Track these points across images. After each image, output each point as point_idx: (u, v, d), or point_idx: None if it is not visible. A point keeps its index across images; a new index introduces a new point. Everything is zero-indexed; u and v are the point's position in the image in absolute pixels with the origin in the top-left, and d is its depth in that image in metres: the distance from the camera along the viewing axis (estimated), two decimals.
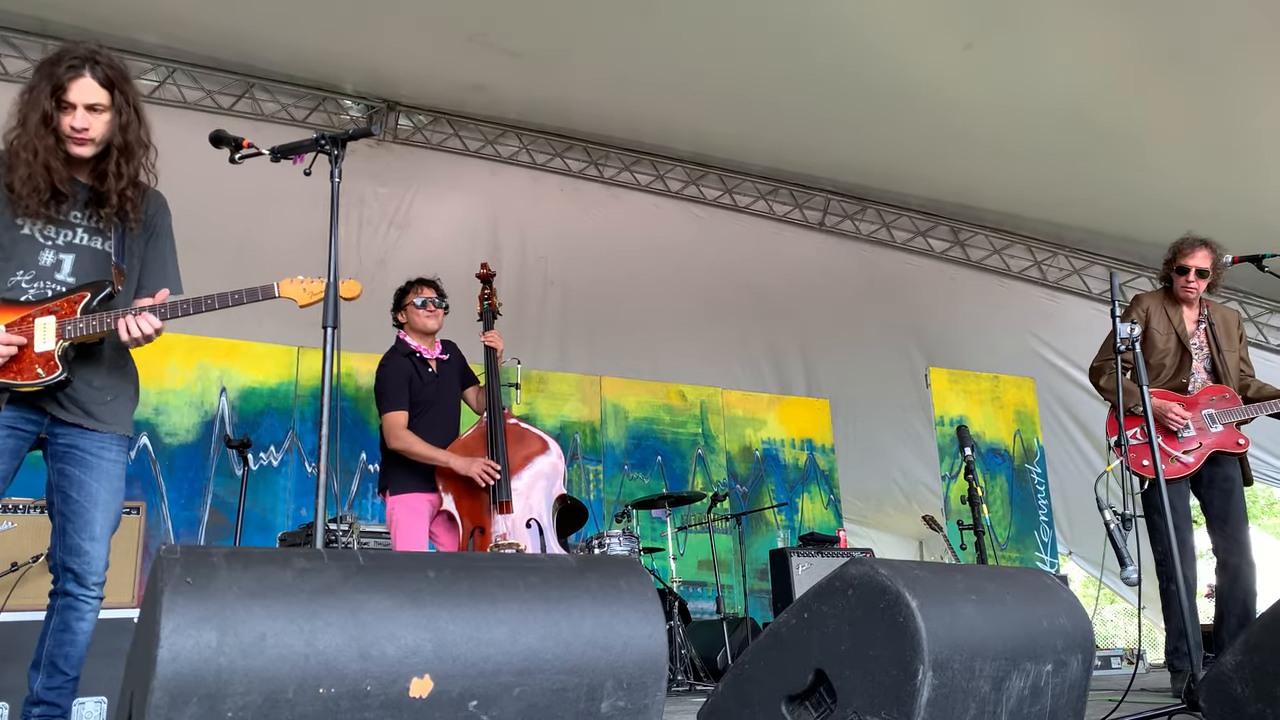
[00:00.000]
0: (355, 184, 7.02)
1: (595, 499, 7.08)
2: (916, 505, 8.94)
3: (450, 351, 4.31)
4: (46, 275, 2.53)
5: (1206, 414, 4.31)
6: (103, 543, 2.53)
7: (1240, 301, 8.43)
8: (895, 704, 1.64)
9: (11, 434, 2.48)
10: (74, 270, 2.57)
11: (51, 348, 2.46)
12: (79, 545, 2.49)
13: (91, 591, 2.51)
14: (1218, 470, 4.27)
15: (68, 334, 2.48)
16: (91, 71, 2.48)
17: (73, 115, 2.48)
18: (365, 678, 1.27)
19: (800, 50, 6.08)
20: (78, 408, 2.54)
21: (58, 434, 2.54)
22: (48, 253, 2.54)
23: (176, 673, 1.18)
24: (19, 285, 2.50)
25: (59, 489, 2.53)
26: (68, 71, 2.47)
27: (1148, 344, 4.40)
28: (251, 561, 1.32)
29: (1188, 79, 5.88)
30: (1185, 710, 2.82)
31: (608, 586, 1.51)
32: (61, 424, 2.53)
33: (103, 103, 2.50)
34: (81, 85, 2.47)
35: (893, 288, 8.76)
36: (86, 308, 2.51)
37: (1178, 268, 4.40)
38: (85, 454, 2.54)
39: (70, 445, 2.54)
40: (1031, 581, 2.16)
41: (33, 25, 6.41)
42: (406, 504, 3.99)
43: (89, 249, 2.60)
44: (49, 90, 2.46)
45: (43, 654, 2.49)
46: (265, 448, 6.05)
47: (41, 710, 2.46)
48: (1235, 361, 4.50)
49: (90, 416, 2.56)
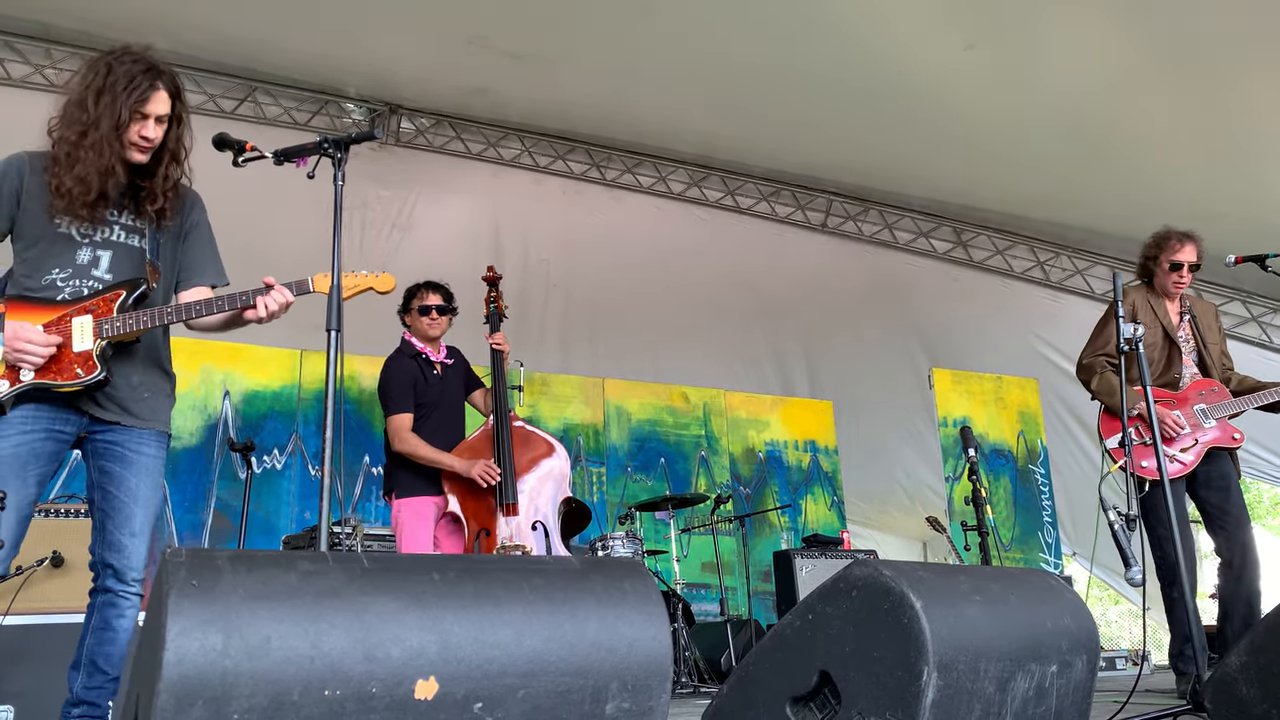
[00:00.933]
0: (358, 187, 7.03)
1: (598, 501, 7.08)
2: (920, 506, 8.92)
3: (455, 356, 4.31)
4: (83, 273, 2.54)
5: (1199, 409, 4.22)
6: (143, 539, 2.53)
7: (1243, 301, 8.42)
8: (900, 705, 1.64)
9: (50, 437, 2.48)
10: (111, 267, 2.58)
11: (89, 347, 2.47)
12: (119, 541, 2.49)
13: (131, 588, 2.51)
14: (1213, 468, 4.17)
15: (105, 333, 2.49)
16: (165, 84, 2.53)
17: (144, 125, 2.51)
18: (370, 680, 1.27)
19: (802, 52, 6.08)
20: (115, 405, 2.55)
21: (96, 432, 2.55)
22: (85, 250, 2.55)
23: (182, 675, 1.18)
24: (54, 284, 2.51)
25: (99, 486, 2.54)
26: (150, 87, 2.50)
27: None
28: (256, 564, 1.32)
29: (1190, 79, 5.88)
30: (1190, 711, 2.82)
31: (612, 589, 1.51)
32: (100, 422, 2.54)
33: (168, 113, 2.55)
34: (159, 98, 2.51)
35: (895, 289, 8.76)
36: (122, 306, 2.52)
37: (1171, 264, 4.30)
38: (125, 450, 2.56)
39: (110, 442, 2.55)
40: (1036, 582, 2.16)
41: (35, 30, 6.44)
42: (412, 507, 4.00)
43: (126, 246, 2.61)
44: (131, 101, 2.47)
45: (83, 653, 2.49)
46: (269, 451, 6.06)
47: (82, 711, 2.46)
48: (1218, 354, 4.41)
49: (128, 413, 2.57)
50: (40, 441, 2.45)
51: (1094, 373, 4.35)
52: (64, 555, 3.91)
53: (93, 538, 2.54)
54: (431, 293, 4.22)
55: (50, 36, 6.46)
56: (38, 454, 2.45)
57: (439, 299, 4.20)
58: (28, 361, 2.42)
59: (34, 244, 2.53)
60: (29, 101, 6.55)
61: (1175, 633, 4.01)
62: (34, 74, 6.57)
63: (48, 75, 6.59)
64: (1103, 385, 4.32)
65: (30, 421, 2.45)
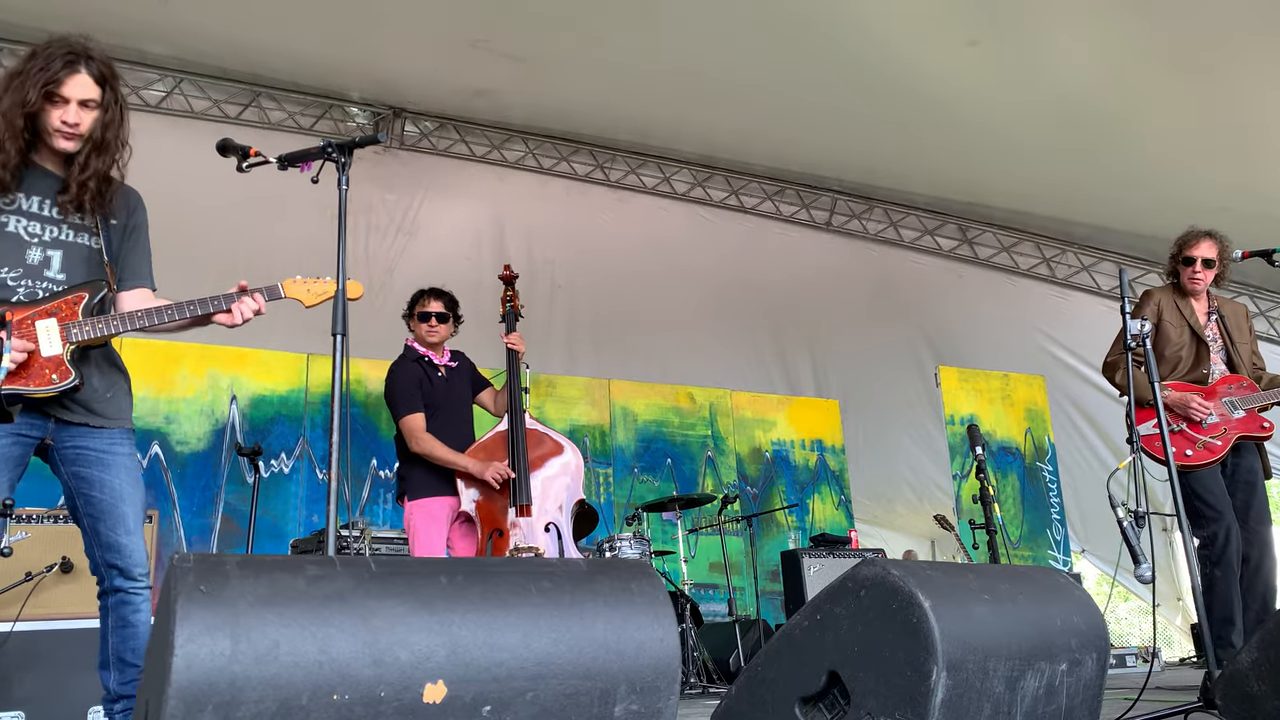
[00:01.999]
0: (362, 191, 7.05)
1: (605, 502, 7.08)
2: (928, 505, 8.91)
3: (460, 360, 4.31)
4: (35, 273, 2.49)
5: (1227, 401, 4.28)
6: (138, 535, 2.52)
7: (1251, 296, 8.39)
8: (909, 705, 1.63)
9: (17, 441, 2.45)
10: (63, 267, 2.53)
11: (59, 351, 2.42)
12: (116, 541, 2.48)
13: (139, 582, 2.51)
14: (1241, 461, 4.25)
15: (74, 337, 2.44)
16: (87, 67, 2.50)
17: (65, 110, 2.47)
18: (379, 684, 1.27)
19: (804, 50, 6.08)
20: (81, 407, 2.51)
21: (64, 438, 2.51)
22: (34, 250, 2.50)
23: (191, 680, 1.18)
24: (5, 284, 2.45)
25: (79, 493, 2.52)
26: (65, 67, 2.47)
27: (1162, 338, 4.38)
28: (264, 569, 1.33)
29: (1194, 74, 5.86)
30: (1202, 708, 2.80)
31: (619, 590, 1.51)
32: (66, 425, 2.50)
33: (94, 99, 2.50)
34: (77, 81, 2.48)
35: (901, 287, 8.75)
36: (87, 309, 2.48)
37: (1184, 259, 4.39)
38: (99, 453, 2.53)
39: (80, 448, 2.52)
40: (1044, 580, 2.15)
41: (38, 36, 6.43)
42: (424, 509, 4.00)
43: (77, 245, 2.56)
44: (41, 81, 2.45)
45: (108, 653, 2.49)
46: (276, 455, 6.07)
47: (123, 705, 2.48)
48: (1248, 354, 4.48)
49: (94, 414, 2.53)
50: (9, 446, 2.43)
51: (1118, 369, 4.41)
52: (73, 561, 3.92)
53: (85, 543, 2.53)
54: (433, 299, 4.20)
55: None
56: (6, 458, 2.43)
57: (440, 305, 4.19)
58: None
59: None
60: None
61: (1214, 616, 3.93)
62: None
63: None
64: (1123, 381, 4.38)
65: None
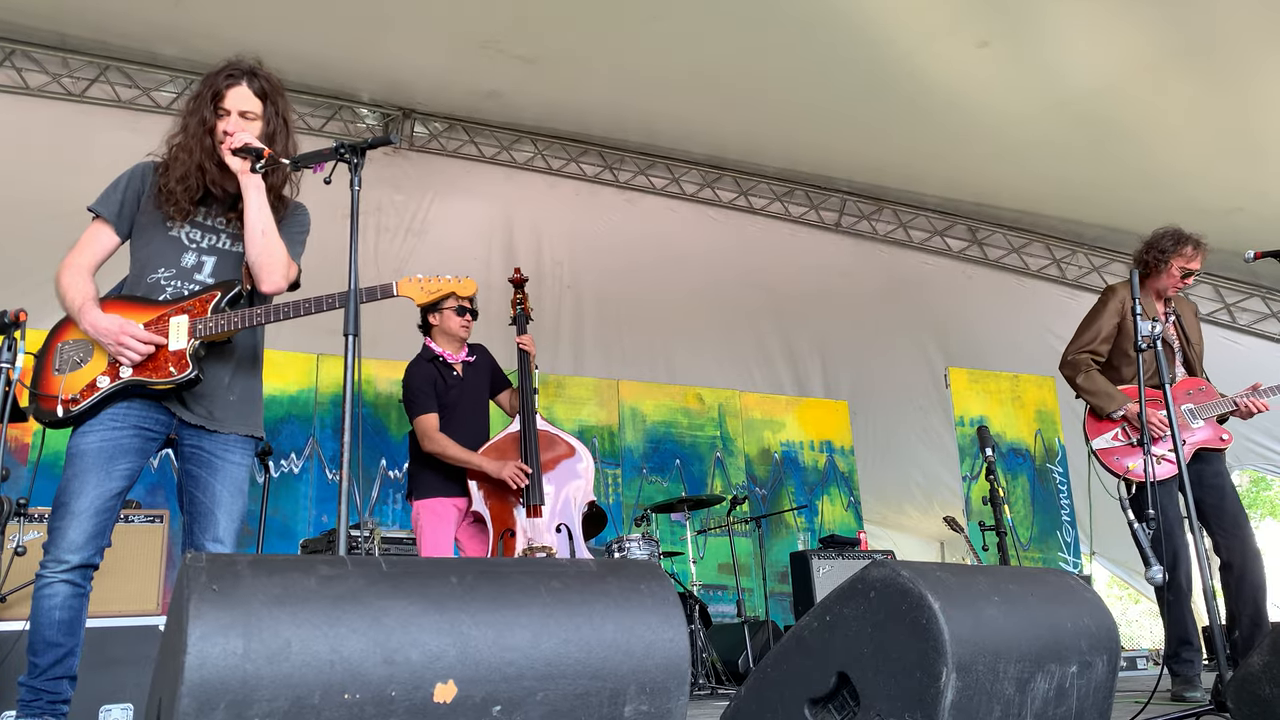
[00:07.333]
0: (372, 192, 7.04)
1: (614, 503, 7.08)
2: (937, 506, 8.89)
3: (478, 354, 4.30)
4: (186, 275, 2.63)
5: (1186, 409, 4.11)
6: (227, 545, 2.57)
7: (1263, 297, 8.35)
8: (919, 706, 1.63)
9: (139, 434, 2.54)
10: (214, 272, 2.66)
11: (184, 346, 2.53)
12: (202, 545, 2.54)
13: None
14: (1205, 468, 4.05)
15: (199, 332, 2.54)
16: (248, 82, 2.66)
17: (226, 120, 2.62)
18: (390, 683, 1.28)
19: (814, 51, 6.07)
20: (202, 408, 2.60)
21: (184, 435, 2.61)
22: (190, 254, 2.65)
23: (204, 679, 1.19)
24: (158, 284, 2.60)
25: (186, 490, 2.60)
26: (227, 80, 2.64)
27: (1124, 337, 4.19)
28: (276, 569, 1.33)
29: (1204, 74, 5.84)
30: (1213, 711, 2.79)
31: (629, 591, 1.51)
32: (187, 425, 2.59)
33: (254, 111, 2.66)
34: (238, 93, 2.64)
35: (910, 288, 8.72)
36: (216, 306, 2.58)
37: (1183, 270, 4.18)
38: (210, 455, 2.60)
39: (195, 447, 2.60)
40: (1055, 582, 2.15)
41: (53, 40, 6.49)
42: (431, 509, 4.00)
43: (232, 253, 2.69)
44: (209, 96, 2.62)
45: None
46: (286, 455, 6.09)
47: None
48: (1201, 354, 4.30)
49: (213, 418, 2.61)
50: (128, 438, 2.51)
51: (1079, 369, 4.24)
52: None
53: (183, 542, 2.61)
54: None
55: (67, 46, 6.52)
56: (125, 449, 2.50)
57: (468, 300, 4.20)
58: (128, 357, 2.50)
59: (146, 245, 2.65)
60: (46, 110, 6.61)
61: (1170, 634, 3.87)
62: (51, 83, 6.63)
63: (65, 84, 6.64)
64: (1089, 383, 4.20)
65: (120, 419, 2.52)
